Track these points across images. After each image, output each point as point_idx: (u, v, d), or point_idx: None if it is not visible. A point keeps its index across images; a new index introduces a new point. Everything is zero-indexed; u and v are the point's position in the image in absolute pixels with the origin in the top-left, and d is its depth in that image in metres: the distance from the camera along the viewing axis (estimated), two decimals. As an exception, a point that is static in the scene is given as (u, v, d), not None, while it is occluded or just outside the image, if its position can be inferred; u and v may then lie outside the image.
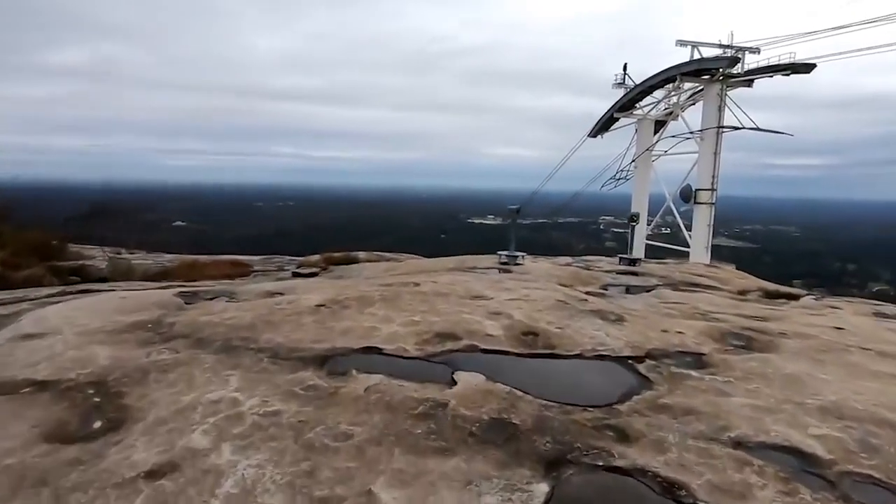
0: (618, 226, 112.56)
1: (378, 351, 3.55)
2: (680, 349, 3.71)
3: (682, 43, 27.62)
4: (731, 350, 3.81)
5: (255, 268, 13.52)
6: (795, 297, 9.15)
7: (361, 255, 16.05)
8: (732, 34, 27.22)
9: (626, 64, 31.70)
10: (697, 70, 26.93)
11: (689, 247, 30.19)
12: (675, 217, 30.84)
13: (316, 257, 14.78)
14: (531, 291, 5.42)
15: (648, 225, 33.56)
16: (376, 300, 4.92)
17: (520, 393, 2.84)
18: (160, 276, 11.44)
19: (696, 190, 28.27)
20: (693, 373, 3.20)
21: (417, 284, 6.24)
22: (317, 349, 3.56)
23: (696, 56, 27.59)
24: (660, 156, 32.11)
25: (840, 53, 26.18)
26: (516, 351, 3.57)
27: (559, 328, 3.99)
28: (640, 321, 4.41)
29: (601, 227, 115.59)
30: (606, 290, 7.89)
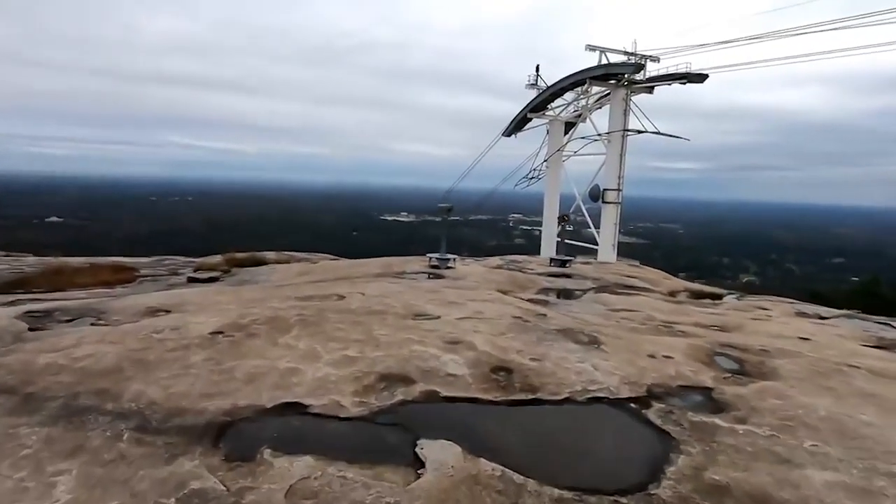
0: (526, 223, 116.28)
1: (302, 409, 2.48)
2: (681, 383, 3.00)
3: (591, 48, 28.31)
4: (731, 379, 3.17)
5: (143, 272, 11.51)
6: (719, 297, 9.14)
7: (270, 255, 14.44)
8: (636, 43, 28.36)
9: (538, 66, 32.08)
10: (605, 74, 27.72)
11: (597, 244, 31.17)
12: (584, 216, 31.69)
13: (217, 258, 12.99)
14: (481, 305, 4.56)
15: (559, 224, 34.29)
16: (293, 324, 3.80)
17: (519, 477, 1.93)
18: (14, 285, 9.27)
19: (604, 190, 29.17)
20: (718, 421, 2.48)
21: (342, 297, 5.15)
22: (210, 411, 2.42)
23: (604, 61, 28.42)
24: (570, 156, 32.89)
25: (727, 66, 28.14)
26: (490, 397, 2.66)
27: (534, 359, 3.15)
28: (618, 342, 3.69)
29: (510, 224, 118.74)
30: (547, 295, 7.26)
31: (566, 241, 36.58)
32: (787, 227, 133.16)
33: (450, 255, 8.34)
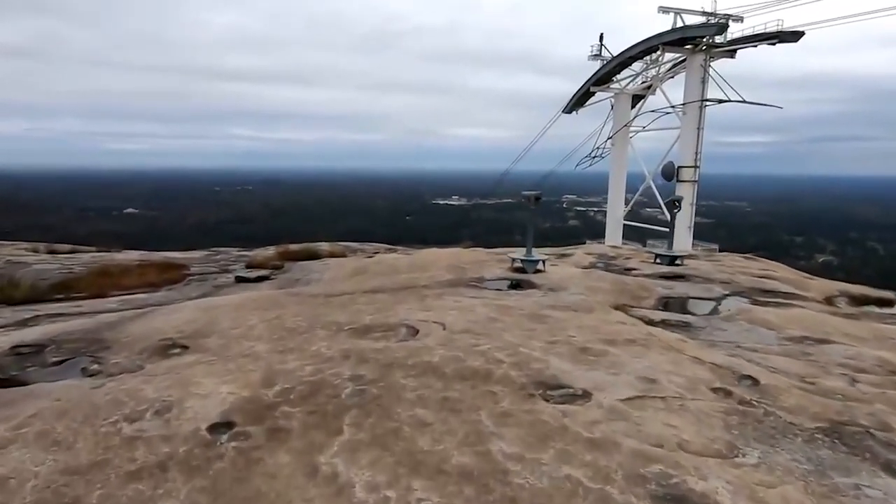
0: (580, 204, 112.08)
1: None
2: None
3: (664, 9, 25.26)
4: None
5: (193, 270, 10.41)
6: (890, 303, 6.95)
7: (324, 247, 13.17)
8: (716, 1, 25.05)
9: (602, 34, 29.24)
10: (681, 39, 24.67)
11: (666, 226, 28.35)
12: (655, 196, 28.89)
13: (270, 251, 11.82)
14: (633, 353, 2.83)
15: (626, 205, 31.64)
16: (346, 405, 2.22)
17: None
18: (59, 287, 8.36)
19: (679, 167, 26.28)
20: None
21: (415, 332, 3.58)
22: None
23: (679, 24, 25.33)
24: (637, 132, 29.99)
25: (825, 21, 24.44)
26: None
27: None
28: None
29: (564, 205, 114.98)
30: (672, 309, 5.41)
31: (630, 222, 33.62)
32: (870, 203, 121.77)
33: (538, 256, 6.59)
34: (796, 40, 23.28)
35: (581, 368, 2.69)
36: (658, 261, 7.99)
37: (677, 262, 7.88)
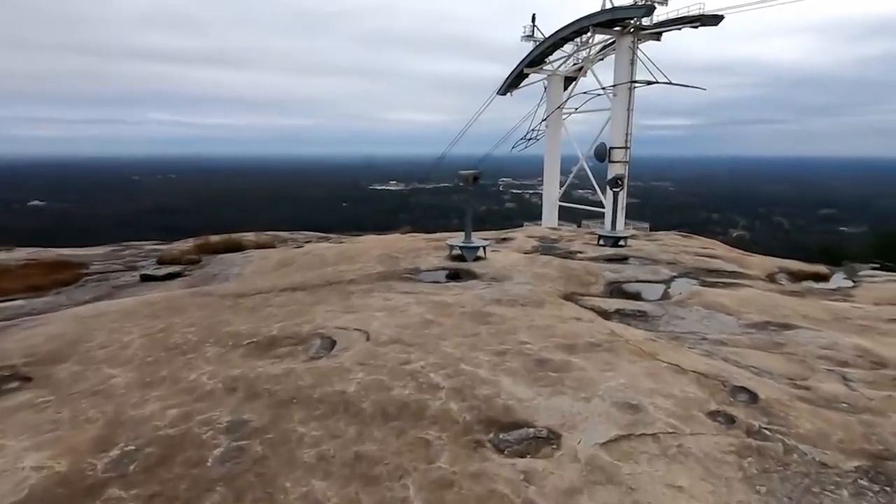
0: (515, 187, 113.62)
1: None
2: None
3: (594, -10, 25.23)
4: None
5: (93, 268, 9.02)
6: (825, 278, 6.92)
7: (249, 237, 11.98)
8: (642, -17, 25.27)
9: (534, 15, 28.97)
10: (611, 20, 24.77)
11: (602, 207, 28.83)
12: (588, 177, 29.26)
13: (187, 244, 10.55)
14: (600, 364, 2.25)
15: (560, 186, 31.87)
16: (210, 479, 1.49)
17: None
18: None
19: (611, 148, 26.63)
20: None
21: (331, 343, 2.83)
22: None
23: (608, 6, 25.42)
24: (570, 114, 30.12)
25: (742, 6, 25.32)
26: None
27: None
28: None
29: (500, 188, 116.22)
30: (625, 296, 4.97)
31: (565, 203, 33.96)
32: (778, 181, 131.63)
33: (478, 242, 5.96)
34: (717, 23, 23.94)
35: (542, 392, 2.06)
36: (601, 242, 7.61)
37: (620, 243, 7.54)
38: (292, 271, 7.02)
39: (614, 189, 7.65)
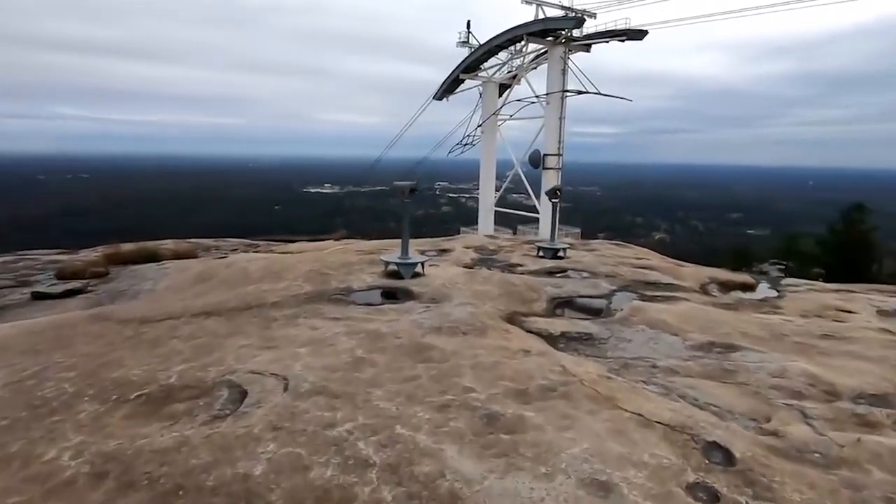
0: (452, 191, 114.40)
1: None
2: None
3: (527, 0, 25.64)
4: None
5: (-27, 285, 7.75)
6: (752, 287, 7.13)
7: (167, 245, 10.93)
8: (573, -5, 25.99)
9: (468, 21, 29.02)
10: (543, 30, 25.26)
11: (535, 212, 29.35)
12: (523, 183, 29.67)
13: (95, 254, 9.39)
14: (582, 435, 1.92)
15: (497, 192, 32.16)
16: None
17: None
18: None
19: (544, 155, 27.14)
20: None
21: (243, 396, 2.34)
22: None
23: (541, 16, 25.92)
24: (506, 120, 30.46)
25: (663, 22, 26.64)
26: None
27: None
28: None
29: (437, 192, 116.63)
30: (567, 312, 4.77)
31: (501, 209, 34.32)
32: (692, 187, 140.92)
33: (416, 257, 5.56)
34: (641, 38, 25.02)
35: (494, 467, 1.71)
36: (541, 254, 7.46)
37: (560, 254, 7.42)
38: (210, 288, 6.32)
39: (553, 200, 7.52)
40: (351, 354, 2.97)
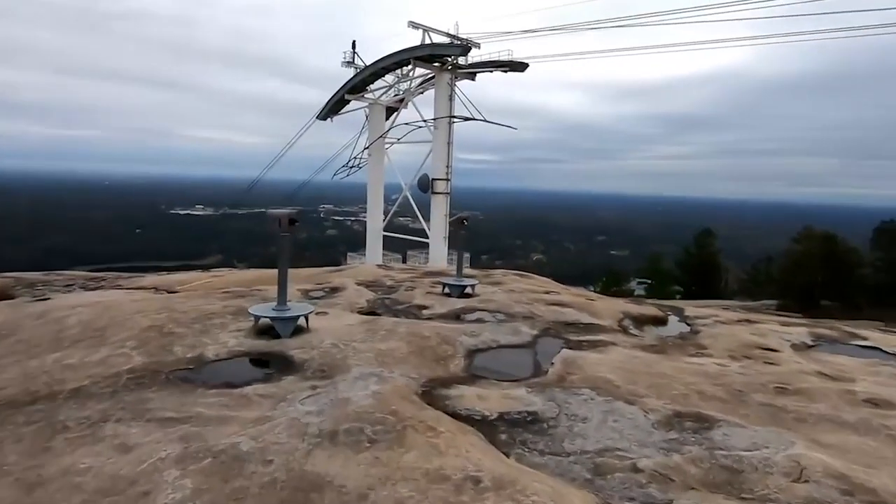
0: (337, 214, 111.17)
1: None
2: None
3: (414, 25, 25.32)
4: None
5: None
6: (664, 322, 6.80)
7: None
8: (458, 25, 26.25)
9: (354, 41, 28.04)
10: (430, 55, 25.07)
11: (424, 236, 28.77)
12: (412, 207, 28.99)
13: None
14: None
15: (385, 216, 31.11)
16: None
17: None
18: None
19: (433, 179, 26.78)
20: None
21: None
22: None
23: (428, 41, 25.75)
24: (393, 143, 29.74)
25: (548, 55, 27.90)
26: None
27: None
28: None
29: (322, 215, 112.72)
30: (489, 375, 3.79)
31: (389, 233, 33.23)
32: (563, 211, 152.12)
33: (296, 309, 4.23)
34: (523, 70, 25.88)
35: None
36: (447, 291, 6.48)
37: (467, 290, 6.51)
38: (3, 355, 4.40)
39: (460, 231, 6.63)
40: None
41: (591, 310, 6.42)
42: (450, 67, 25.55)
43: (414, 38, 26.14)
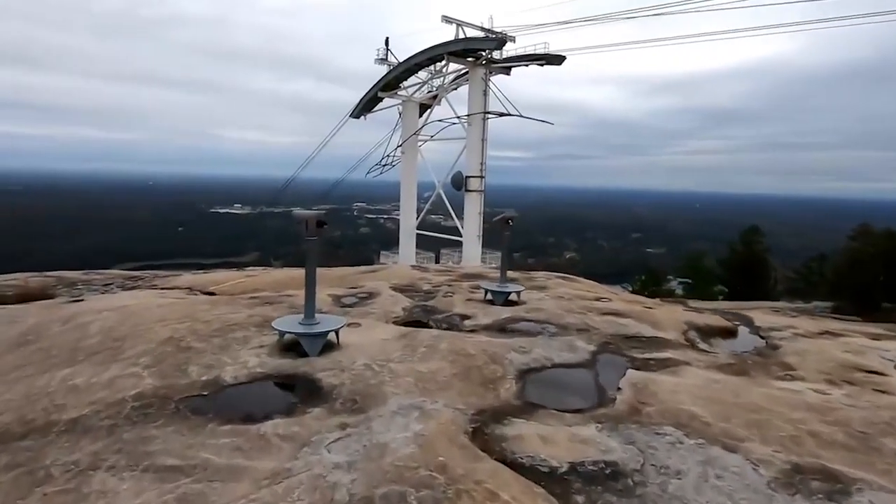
0: (371, 212, 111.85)
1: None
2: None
3: (447, 19, 24.73)
4: None
5: None
6: (733, 333, 6.04)
7: (14, 282, 8.39)
8: (492, 19, 25.52)
9: (387, 38, 27.68)
10: (465, 50, 24.44)
11: (458, 235, 28.19)
12: (445, 205, 28.44)
13: None
14: None
15: (418, 215, 30.67)
16: None
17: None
18: None
19: (467, 177, 26.15)
20: None
21: None
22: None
23: (461, 36, 25.12)
24: (426, 141, 29.25)
25: (587, 47, 26.84)
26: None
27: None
28: None
29: (355, 213, 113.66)
30: (547, 403, 3.19)
31: (422, 232, 32.77)
32: (596, 208, 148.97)
33: (326, 323, 3.74)
34: (560, 63, 24.94)
35: None
36: (490, 297, 5.90)
37: (512, 297, 5.91)
38: (11, 368, 4.08)
39: (505, 232, 6.03)
40: None
41: (652, 320, 5.72)
42: (484, 62, 24.85)
43: (447, 34, 25.57)
